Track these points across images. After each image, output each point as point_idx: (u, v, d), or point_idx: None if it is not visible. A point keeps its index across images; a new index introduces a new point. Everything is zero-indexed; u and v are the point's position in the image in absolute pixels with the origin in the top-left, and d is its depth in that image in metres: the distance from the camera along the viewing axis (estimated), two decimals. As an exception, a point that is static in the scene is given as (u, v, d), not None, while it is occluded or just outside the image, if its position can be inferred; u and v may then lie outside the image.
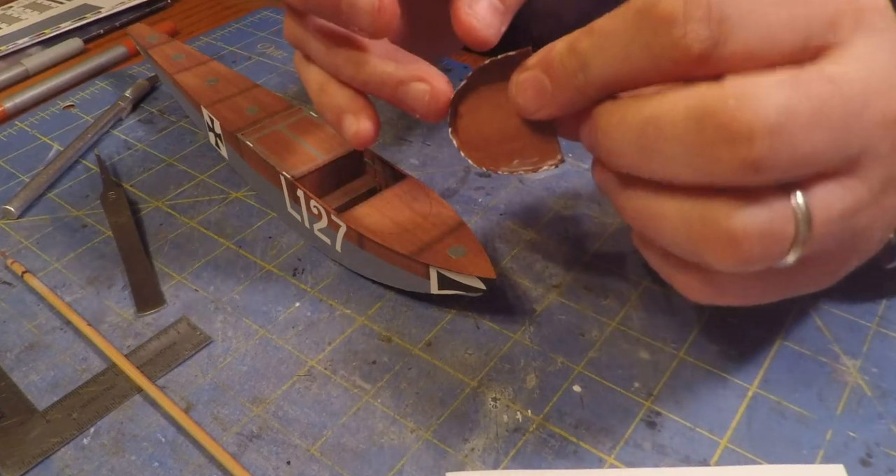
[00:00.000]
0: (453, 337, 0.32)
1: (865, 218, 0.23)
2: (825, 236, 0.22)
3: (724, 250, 0.21)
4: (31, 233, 0.40)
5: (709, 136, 0.20)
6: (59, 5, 0.66)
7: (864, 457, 0.27)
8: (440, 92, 0.27)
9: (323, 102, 0.30)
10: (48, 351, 0.33)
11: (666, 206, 0.23)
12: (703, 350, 0.31)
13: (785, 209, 0.21)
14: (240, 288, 0.36)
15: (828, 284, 0.27)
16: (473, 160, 0.28)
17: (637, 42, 0.21)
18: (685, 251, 0.23)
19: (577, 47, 0.23)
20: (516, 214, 0.39)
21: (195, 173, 0.44)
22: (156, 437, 0.29)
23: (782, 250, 0.21)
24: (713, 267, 0.22)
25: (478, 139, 0.28)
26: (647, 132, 0.22)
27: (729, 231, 0.21)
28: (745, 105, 0.19)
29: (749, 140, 0.19)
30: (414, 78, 0.27)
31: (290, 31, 0.31)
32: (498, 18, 0.27)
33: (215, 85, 0.44)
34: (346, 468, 0.28)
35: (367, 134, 0.29)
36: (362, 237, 0.33)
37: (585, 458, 0.27)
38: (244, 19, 0.62)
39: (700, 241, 0.22)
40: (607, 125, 0.23)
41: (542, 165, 0.27)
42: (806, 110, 0.19)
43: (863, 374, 0.30)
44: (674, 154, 0.21)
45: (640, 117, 0.22)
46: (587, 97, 0.24)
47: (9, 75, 0.55)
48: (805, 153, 0.20)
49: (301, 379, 0.31)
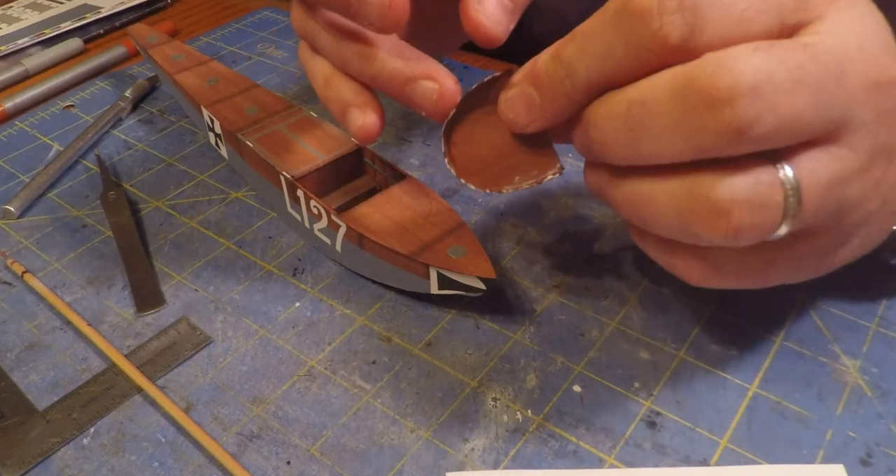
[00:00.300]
0: (453, 337, 0.32)
1: (857, 188, 0.23)
2: (816, 207, 0.22)
3: (713, 221, 0.22)
4: (31, 233, 0.40)
5: (691, 104, 0.21)
6: (59, 5, 0.66)
7: (864, 457, 0.27)
8: (448, 91, 0.27)
9: (328, 96, 0.30)
10: (48, 351, 0.33)
11: (656, 188, 0.23)
12: (703, 350, 0.31)
13: (771, 177, 0.21)
14: (240, 288, 0.36)
15: (830, 268, 0.27)
16: (475, 184, 0.28)
17: (617, 39, 0.22)
18: (678, 231, 0.23)
19: (562, 55, 0.24)
20: (516, 214, 0.39)
21: (195, 173, 0.44)
22: (156, 437, 0.29)
23: (773, 220, 0.22)
24: (706, 241, 0.23)
25: (475, 163, 0.28)
26: (634, 113, 0.22)
27: (717, 201, 0.21)
28: (722, 69, 0.20)
29: (730, 102, 0.20)
30: (423, 75, 0.27)
31: (299, 23, 0.31)
32: (507, 16, 0.27)
33: (215, 85, 0.44)
34: (346, 468, 0.28)
35: (372, 128, 0.29)
36: (362, 237, 0.33)
37: (585, 458, 0.27)
38: (244, 19, 0.62)
39: (689, 216, 0.22)
40: (596, 118, 0.24)
41: (544, 177, 0.28)
42: (783, 73, 0.20)
43: (863, 374, 0.30)
44: (661, 129, 0.22)
45: (625, 101, 0.23)
46: (576, 102, 0.25)
47: (9, 75, 0.55)
48: (787, 117, 0.20)
49: (301, 379, 0.31)
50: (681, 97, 0.21)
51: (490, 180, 0.28)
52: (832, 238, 0.25)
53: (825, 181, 0.22)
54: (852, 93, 0.21)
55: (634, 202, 0.24)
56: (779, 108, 0.20)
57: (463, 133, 0.28)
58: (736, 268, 0.25)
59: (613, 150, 0.24)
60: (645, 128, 0.22)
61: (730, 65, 0.20)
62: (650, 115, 0.22)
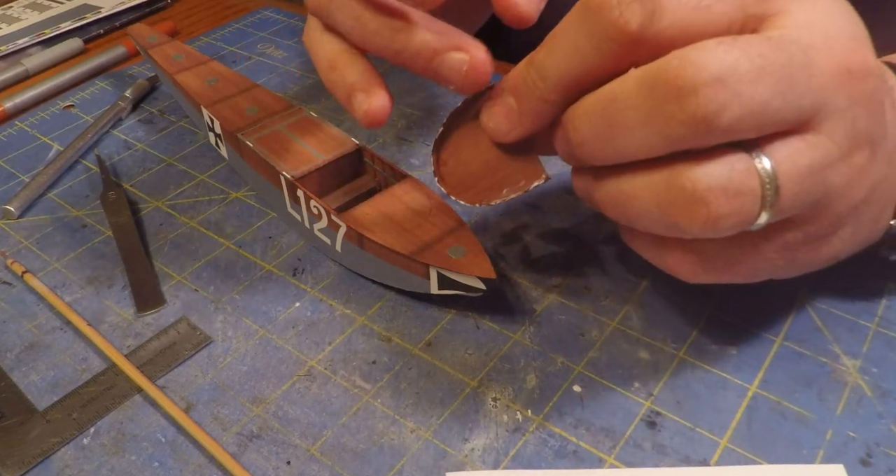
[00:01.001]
0: (453, 337, 0.32)
1: (838, 176, 0.23)
2: (795, 194, 0.22)
3: (692, 211, 0.22)
4: (31, 233, 0.40)
5: (659, 96, 0.21)
6: (59, 5, 0.66)
7: (864, 457, 0.27)
8: (479, 62, 0.26)
9: (333, 79, 0.29)
10: (48, 351, 0.33)
11: (637, 184, 0.24)
12: (703, 350, 0.31)
13: (746, 165, 0.22)
14: (240, 288, 0.36)
15: (825, 262, 0.27)
16: (465, 200, 0.29)
17: (580, 35, 0.23)
18: (661, 224, 0.24)
19: (534, 59, 0.25)
20: (516, 214, 0.39)
21: (195, 173, 0.44)
22: (156, 437, 0.29)
23: (751, 208, 0.22)
24: (688, 233, 0.23)
25: (464, 179, 0.29)
26: (608, 110, 0.23)
27: (694, 191, 0.22)
28: (686, 62, 0.21)
29: (694, 92, 0.20)
30: (452, 47, 0.26)
31: None
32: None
33: (215, 85, 0.44)
34: (346, 468, 0.28)
35: (379, 111, 0.28)
36: (362, 237, 0.33)
37: (585, 458, 0.27)
38: (244, 19, 0.62)
39: (669, 207, 0.23)
40: (574, 118, 0.24)
41: (531, 186, 0.28)
42: (745, 63, 0.21)
43: (863, 374, 0.30)
44: (634, 123, 0.22)
45: (599, 100, 0.23)
46: (552, 104, 0.25)
47: (9, 75, 0.55)
48: (752, 106, 0.21)
49: (301, 379, 0.31)
50: (650, 90, 0.21)
51: (479, 195, 0.29)
52: (820, 227, 0.25)
53: (802, 169, 0.22)
54: (822, 80, 0.22)
55: (618, 201, 0.25)
56: (743, 98, 0.20)
57: (451, 150, 0.29)
58: (725, 261, 0.25)
59: (593, 150, 0.24)
60: (619, 123, 0.23)
61: (693, 57, 0.21)
62: (623, 109, 0.22)
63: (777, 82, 0.21)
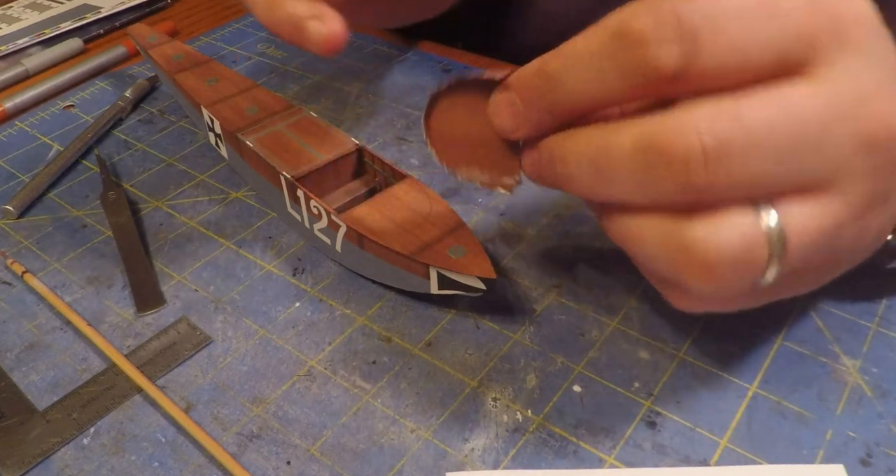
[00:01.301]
0: (453, 337, 0.32)
1: (849, 234, 0.22)
2: (804, 254, 0.22)
3: (699, 276, 0.22)
4: (31, 233, 0.40)
5: (650, 162, 0.21)
6: (59, 5, 0.66)
7: (864, 457, 0.27)
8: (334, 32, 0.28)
9: (278, 16, 0.29)
10: (48, 351, 0.33)
11: (643, 227, 0.23)
12: (703, 350, 0.31)
13: (756, 231, 0.21)
14: (240, 288, 0.36)
15: (822, 284, 0.27)
16: (436, 151, 0.28)
17: (609, 62, 0.21)
18: (667, 275, 0.23)
19: (545, 69, 0.24)
20: (516, 214, 0.39)
21: (195, 173, 0.44)
22: (156, 437, 0.29)
23: (758, 272, 0.22)
24: (693, 290, 0.23)
25: (448, 134, 0.28)
26: (600, 161, 0.22)
27: (703, 259, 0.21)
28: (681, 132, 0.20)
29: (685, 164, 0.20)
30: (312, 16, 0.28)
31: None
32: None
33: (215, 85, 0.44)
34: (346, 468, 0.28)
35: (338, 35, 0.28)
36: (362, 237, 0.33)
37: (585, 458, 0.27)
38: (244, 19, 0.62)
39: (677, 267, 0.22)
40: (563, 153, 0.24)
41: (499, 181, 0.28)
42: (741, 138, 0.20)
43: (863, 374, 0.30)
44: (624, 179, 0.22)
45: (593, 146, 0.23)
46: (557, 118, 0.24)
47: (9, 75, 0.55)
48: (747, 177, 0.20)
49: (301, 379, 0.31)
50: (643, 153, 0.21)
51: (452, 158, 0.28)
52: (820, 271, 0.25)
53: (815, 232, 0.21)
54: (838, 151, 0.21)
55: (624, 237, 0.24)
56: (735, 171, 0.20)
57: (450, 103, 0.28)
58: (722, 301, 0.25)
59: (580, 187, 0.24)
60: (609, 174, 0.22)
61: (690, 128, 0.20)
62: (614, 165, 0.22)
63: (779, 155, 0.20)
